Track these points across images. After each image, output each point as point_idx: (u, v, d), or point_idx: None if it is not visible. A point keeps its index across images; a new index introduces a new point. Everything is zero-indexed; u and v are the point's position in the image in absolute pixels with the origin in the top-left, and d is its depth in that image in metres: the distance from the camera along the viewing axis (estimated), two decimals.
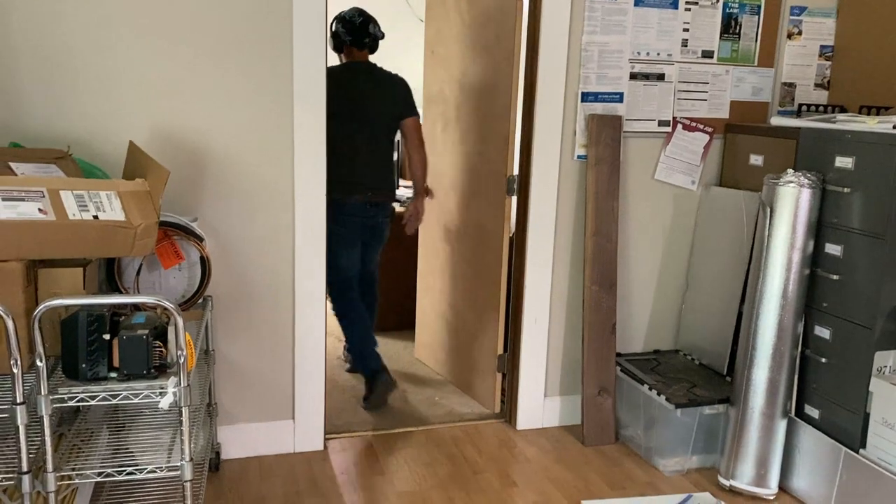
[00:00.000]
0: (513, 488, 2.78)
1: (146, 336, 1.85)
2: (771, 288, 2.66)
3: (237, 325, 2.84)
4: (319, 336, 2.92)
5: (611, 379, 3.13)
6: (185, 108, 2.63)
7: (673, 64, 3.12)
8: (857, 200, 2.55)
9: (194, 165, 2.68)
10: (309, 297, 2.87)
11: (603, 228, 3.08)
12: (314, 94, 2.73)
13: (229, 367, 2.86)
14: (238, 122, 2.69)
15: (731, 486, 2.77)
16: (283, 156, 2.76)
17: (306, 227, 2.82)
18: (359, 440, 3.11)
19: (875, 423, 2.51)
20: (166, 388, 1.87)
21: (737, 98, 3.23)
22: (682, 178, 3.23)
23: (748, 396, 2.71)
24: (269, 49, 2.67)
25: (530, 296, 3.16)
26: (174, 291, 2.48)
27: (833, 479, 2.60)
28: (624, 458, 3.04)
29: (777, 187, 2.64)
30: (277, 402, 2.94)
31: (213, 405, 2.78)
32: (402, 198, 4.78)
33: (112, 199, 2.10)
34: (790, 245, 2.63)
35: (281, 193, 2.78)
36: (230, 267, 2.78)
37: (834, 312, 2.65)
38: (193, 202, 2.70)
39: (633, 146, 3.15)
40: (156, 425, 2.35)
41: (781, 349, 2.66)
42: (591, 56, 3.02)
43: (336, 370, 3.85)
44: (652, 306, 3.32)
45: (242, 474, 2.81)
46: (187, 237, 2.44)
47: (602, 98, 3.07)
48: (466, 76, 3.47)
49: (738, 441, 2.75)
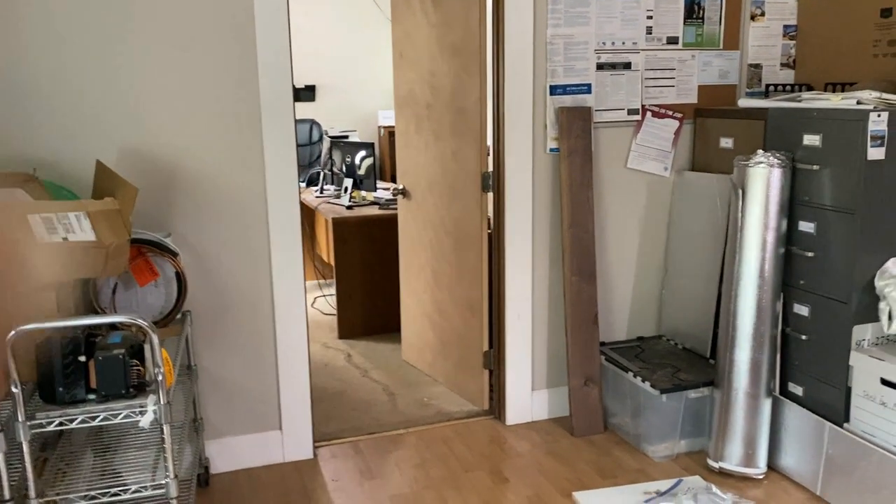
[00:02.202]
0: (505, 484, 2.79)
1: (122, 356, 1.84)
2: (748, 269, 2.68)
3: (218, 338, 2.82)
4: (302, 344, 2.91)
5: (596, 369, 3.14)
6: (152, 124, 2.62)
7: (639, 52, 3.14)
8: (827, 177, 2.57)
9: (164, 181, 2.67)
10: (288, 305, 2.87)
11: (579, 220, 3.09)
12: (282, 104, 2.72)
13: (213, 381, 2.84)
14: (207, 136, 2.68)
15: (721, 468, 2.79)
16: (254, 166, 2.75)
17: (281, 236, 2.81)
18: (349, 446, 3.11)
19: (857, 397, 2.53)
20: (146, 406, 1.86)
21: (704, 82, 3.26)
22: (655, 165, 3.24)
23: (732, 378, 2.73)
24: (235, 63, 2.66)
25: (512, 291, 3.17)
26: (152, 308, 2.47)
27: (820, 455, 2.62)
28: (613, 446, 3.05)
29: (748, 168, 2.66)
30: (264, 412, 2.93)
31: (199, 420, 2.77)
32: (381, 200, 4.78)
33: (81, 219, 2.08)
34: (764, 225, 2.65)
35: (254, 204, 2.77)
36: (207, 281, 2.77)
37: (811, 289, 2.67)
38: (165, 218, 2.69)
39: (605, 136, 3.17)
40: (140, 444, 2.33)
41: (762, 329, 2.68)
42: (556, 49, 3.03)
43: (322, 377, 3.84)
44: (632, 294, 3.34)
45: (233, 488, 2.79)
46: (161, 253, 2.42)
47: (570, 90, 3.08)
48: (436, 76, 3.47)
49: (725, 423, 2.76)
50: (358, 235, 4.35)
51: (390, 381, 3.78)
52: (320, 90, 7.10)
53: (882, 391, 2.43)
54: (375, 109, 7.03)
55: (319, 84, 7.08)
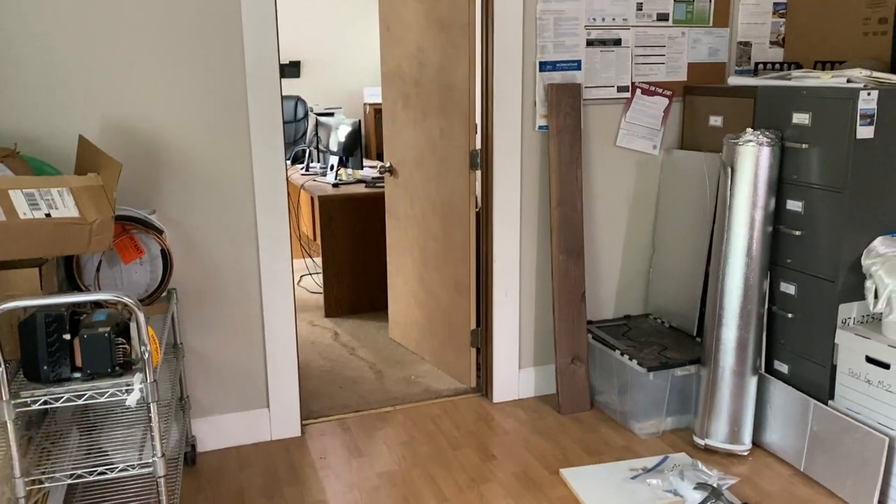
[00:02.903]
0: (492, 461, 2.80)
1: (108, 334, 1.82)
2: (735, 247, 2.69)
3: (205, 316, 2.80)
4: (289, 322, 2.90)
5: (583, 347, 3.15)
6: (137, 98, 2.57)
7: (629, 28, 3.11)
8: (815, 156, 2.57)
9: (149, 157, 2.63)
10: (276, 282, 2.84)
11: (568, 198, 3.08)
12: (268, 77, 2.68)
13: (200, 359, 2.83)
14: (192, 110, 2.64)
15: (707, 445, 2.82)
16: (239, 142, 2.71)
17: (267, 213, 2.78)
18: (336, 423, 3.10)
19: (842, 374, 2.56)
20: (132, 385, 1.84)
21: (694, 60, 3.24)
22: (644, 143, 3.23)
23: (718, 356, 2.75)
24: (220, 37, 2.61)
25: (500, 269, 3.16)
26: (137, 286, 2.44)
27: (804, 432, 2.65)
28: (600, 423, 3.07)
29: (737, 147, 2.66)
30: (251, 390, 2.92)
31: (186, 398, 2.75)
32: (368, 178, 4.75)
33: (64, 195, 2.04)
34: (752, 204, 2.65)
35: (240, 181, 2.74)
36: (194, 258, 2.74)
37: (798, 268, 2.68)
38: (150, 194, 2.65)
39: (594, 114, 3.15)
40: (127, 423, 2.32)
41: (748, 307, 2.69)
42: (546, 25, 3.00)
43: (309, 355, 3.83)
44: (620, 272, 3.34)
45: (220, 466, 2.79)
46: (146, 230, 2.39)
47: (560, 67, 3.05)
48: (423, 52, 3.43)
49: (711, 400, 2.78)
50: (344, 214, 4.32)
51: (377, 359, 3.77)
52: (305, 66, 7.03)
53: (867, 369, 2.46)
54: (361, 86, 6.97)
55: (305, 60, 7.00)
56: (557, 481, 2.66)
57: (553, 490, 2.61)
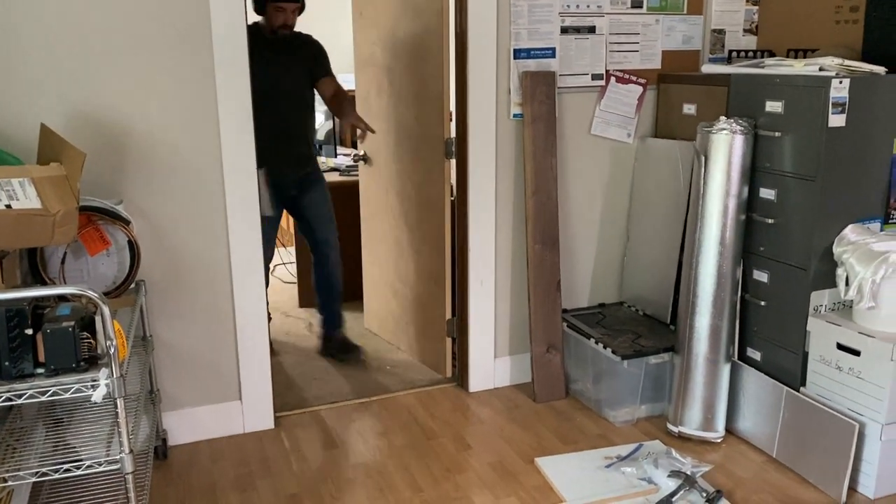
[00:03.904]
0: (468, 451, 2.79)
1: (72, 328, 1.77)
2: (709, 235, 2.69)
3: (174, 307, 2.75)
4: (261, 313, 2.86)
5: (558, 335, 3.15)
6: (102, 86, 2.50)
7: (603, 16, 3.09)
8: (788, 144, 2.58)
9: (114, 146, 2.56)
10: (246, 273, 2.80)
11: (542, 186, 3.06)
12: (237, 65, 2.63)
13: (170, 352, 2.78)
14: (158, 98, 2.58)
15: (680, 433, 2.83)
16: (208, 130, 2.66)
17: (238, 202, 2.73)
18: (310, 415, 3.08)
19: (813, 361, 2.58)
20: (98, 380, 1.80)
21: (668, 48, 3.23)
22: (618, 132, 3.23)
23: (692, 344, 2.76)
24: (187, 19, 2.55)
25: (475, 258, 3.14)
26: (104, 278, 2.39)
27: (776, 418, 2.67)
28: (575, 412, 3.07)
29: (710, 135, 2.65)
30: (223, 383, 2.88)
31: (156, 392, 2.71)
32: (342, 166, 4.70)
33: (26, 186, 1.99)
34: (725, 192, 2.65)
35: (209, 169, 2.69)
36: (162, 249, 2.69)
37: (770, 256, 2.69)
38: (117, 184, 2.59)
39: (568, 102, 3.13)
40: (94, 418, 2.27)
41: (722, 295, 2.70)
42: (520, 11, 2.97)
43: (283, 346, 3.80)
44: (595, 260, 3.34)
45: (192, 459, 2.75)
46: (113, 221, 2.34)
47: (534, 54, 3.03)
48: (397, 38, 3.39)
49: (685, 388, 2.80)
50: None
51: None
52: None
53: (838, 356, 2.48)
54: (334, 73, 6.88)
55: None
56: (532, 470, 2.66)
57: (528, 479, 2.61)
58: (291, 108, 3.37)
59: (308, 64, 3.39)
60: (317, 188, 3.52)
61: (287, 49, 3.33)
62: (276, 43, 3.28)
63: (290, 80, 3.34)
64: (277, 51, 3.29)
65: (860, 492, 2.48)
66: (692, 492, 2.45)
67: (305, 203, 3.50)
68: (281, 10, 3.21)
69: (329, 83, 3.43)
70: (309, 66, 3.39)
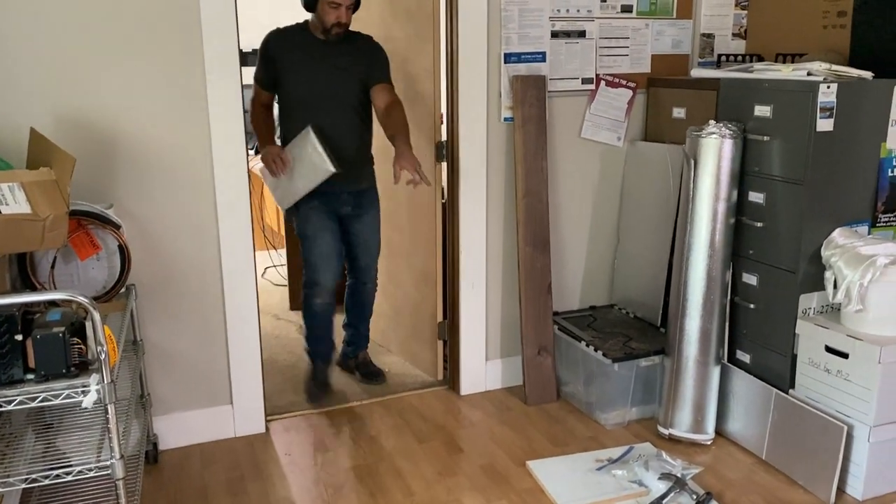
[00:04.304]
0: (459, 454, 2.79)
1: (62, 334, 1.77)
2: (698, 239, 2.71)
3: (165, 311, 2.74)
4: (252, 316, 2.86)
5: (549, 338, 3.16)
6: (91, 89, 2.50)
7: (593, 20, 3.11)
8: (777, 148, 2.60)
9: (105, 150, 2.56)
10: (237, 277, 2.80)
11: (533, 189, 3.07)
12: (227, 68, 2.62)
13: (161, 356, 2.77)
14: (149, 101, 2.57)
15: (671, 435, 2.85)
16: (199, 133, 2.65)
17: (229, 205, 2.73)
18: (302, 419, 3.07)
19: (802, 364, 2.60)
20: (88, 386, 1.79)
21: (658, 51, 3.25)
22: (608, 135, 3.24)
23: (682, 346, 2.77)
24: (178, 21, 2.54)
25: (466, 261, 3.15)
26: (94, 282, 2.38)
27: (766, 420, 2.69)
28: (566, 414, 3.08)
29: (700, 139, 2.67)
30: (214, 387, 2.87)
31: (147, 396, 2.70)
32: None
33: (15, 190, 1.98)
34: (715, 196, 2.67)
35: (200, 172, 2.68)
36: (152, 253, 2.68)
37: (760, 259, 2.71)
38: (107, 188, 2.58)
39: (559, 105, 3.14)
40: (84, 424, 2.26)
41: (711, 298, 2.72)
42: (511, 16, 2.98)
43: (274, 350, 3.79)
44: (585, 263, 3.36)
45: (183, 464, 2.74)
46: (103, 225, 2.33)
47: (525, 58, 3.04)
48: (389, 41, 3.38)
49: (675, 390, 2.81)
50: None
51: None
52: None
53: (826, 358, 2.50)
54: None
55: None
56: (524, 473, 2.66)
57: (519, 482, 2.61)
58: (343, 114, 2.98)
59: (362, 67, 2.98)
60: (371, 212, 3.18)
61: (340, 50, 2.95)
62: (327, 43, 2.93)
63: (342, 84, 2.95)
64: (328, 52, 2.94)
65: (848, 493, 2.50)
66: (682, 494, 2.46)
67: (357, 228, 3.15)
68: (334, 5, 2.83)
69: (383, 91, 2.97)
70: (363, 69, 2.98)
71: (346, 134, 2.99)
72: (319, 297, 3.09)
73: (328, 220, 3.03)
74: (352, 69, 2.96)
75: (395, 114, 2.92)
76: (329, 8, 2.84)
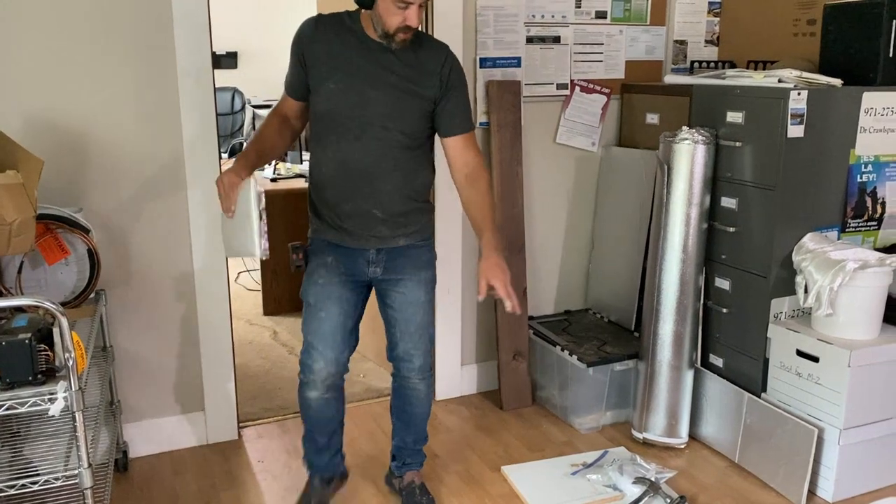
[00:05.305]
0: (434, 460, 2.78)
1: (28, 340, 1.73)
2: (672, 243, 2.73)
3: (136, 317, 2.70)
4: (224, 323, 2.82)
5: (524, 343, 3.16)
6: (59, 90, 2.45)
7: (568, 26, 3.12)
8: (749, 154, 2.63)
9: (74, 153, 2.51)
10: (209, 283, 2.76)
11: (509, 194, 3.07)
12: (200, 70, 2.59)
13: (131, 362, 2.73)
14: (119, 103, 2.53)
15: (645, 439, 2.86)
16: (170, 136, 2.62)
17: (201, 209, 2.70)
18: (275, 426, 3.04)
19: (774, 368, 2.62)
20: (56, 393, 1.75)
21: (631, 58, 3.27)
22: (583, 140, 3.25)
23: (656, 350, 2.79)
24: (149, 22, 2.51)
25: (441, 267, 3.12)
26: (63, 287, 2.33)
27: (738, 424, 2.71)
28: (541, 419, 3.08)
29: (673, 145, 2.69)
30: (186, 393, 2.83)
31: (117, 403, 2.65)
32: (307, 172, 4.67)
33: None
34: (688, 201, 2.69)
35: (171, 176, 2.65)
36: (123, 257, 2.64)
37: (732, 264, 2.74)
38: (76, 192, 2.54)
39: (534, 111, 3.15)
40: (52, 432, 2.22)
41: (685, 302, 2.74)
42: (486, 21, 2.98)
43: (247, 356, 3.75)
44: (560, 268, 3.37)
45: (153, 472, 2.70)
46: (72, 230, 2.29)
47: (500, 63, 3.05)
48: None
49: (649, 394, 2.82)
50: (283, 209, 4.23)
51: None
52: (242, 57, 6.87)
53: (797, 362, 2.53)
54: None
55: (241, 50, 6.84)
56: (499, 479, 2.66)
57: (494, 487, 2.61)
58: (385, 146, 2.13)
59: (431, 92, 2.14)
60: (416, 278, 2.29)
61: (401, 59, 2.11)
62: (385, 48, 2.09)
63: (394, 105, 2.11)
64: (383, 59, 2.10)
65: (819, 495, 2.52)
66: (656, 498, 2.47)
67: (393, 298, 2.32)
68: (403, 4, 1.98)
69: (465, 147, 2.21)
70: (431, 94, 2.14)
71: (386, 174, 2.16)
72: (313, 389, 2.28)
73: (341, 285, 2.23)
74: (415, 90, 2.13)
75: (479, 187, 2.22)
76: (395, 7, 1.99)
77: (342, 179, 2.16)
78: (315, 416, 2.35)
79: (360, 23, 2.12)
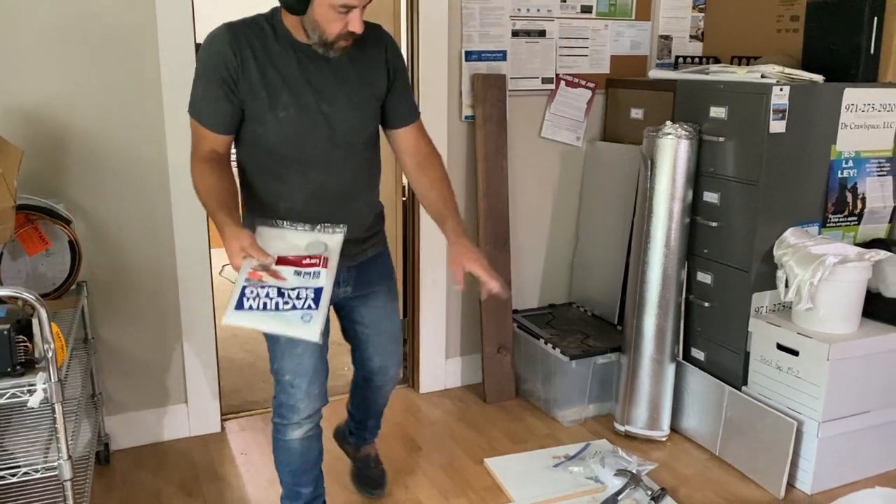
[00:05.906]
0: (418, 453, 2.79)
1: (7, 331, 1.72)
2: (655, 238, 2.74)
3: (118, 309, 2.69)
4: (208, 315, 2.81)
5: (508, 336, 3.17)
6: (40, 79, 2.43)
7: (553, 20, 3.12)
8: (731, 149, 2.64)
9: (54, 142, 2.49)
10: (193, 274, 2.75)
11: (494, 188, 3.08)
12: (183, 56, 2.58)
13: (113, 354, 2.71)
14: (101, 92, 2.51)
15: (627, 432, 2.88)
16: (153, 126, 2.60)
17: (184, 200, 2.68)
18: (258, 418, 3.04)
19: (755, 361, 2.64)
20: (35, 385, 1.74)
21: (616, 52, 3.28)
22: (568, 135, 3.26)
23: (638, 344, 2.80)
24: (131, 9, 2.49)
25: (426, 259, 3.14)
26: (44, 279, 2.32)
27: (719, 417, 2.73)
28: (525, 412, 3.10)
29: (657, 139, 2.70)
30: (168, 386, 2.82)
31: (98, 395, 2.64)
32: None
33: None
34: (671, 195, 2.70)
35: (154, 166, 2.63)
36: (105, 249, 2.63)
37: (714, 258, 2.76)
38: (58, 183, 2.52)
39: (519, 105, 3.16)
40: (32, 423, 2.20)
41: (667, 296, 2.76)
42: (472, 14, 2.98)
43: (230, 349, 3.74)
44: (545, 262, 3.38)
45: (135, 464, 2.69)
46: (53, 220, 2.27)
47: (486, 57, 3.04)
48: None
49: (631, 387, 2.84)
50: None
51: None
52: None
53: (778, 356, 2.55)
54: None
55: None
56: (482, 471, 2.67)
57: (477, 480, 2.62)
58: (351, 164, 1.94)
59: (375, 88, 1.94)
60: (384, 287, 2.17)
61: (341, 60, 1.87)
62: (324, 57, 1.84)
63: (350, 117, 1.90)
64: (325, 67, 1.86)
65: (798, 487, 2.55)
66: (637, 490, 2.49)
67: (363, 314, 2.19)
68: (344, 9, 1.75)
69: (414, 136, 2.03)
70: (378, 86, 1.94)
71: (358, 192, 1.99)
72: (298, 429, 2.07)
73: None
74: (370, 91, 1.93)
75: (434, 172, 2.01)
76: (334, 12, 1.74)
77: (315, 210, 1.90)
78: (300, 460, 2.11)
79: (285, 25, 1.82)
